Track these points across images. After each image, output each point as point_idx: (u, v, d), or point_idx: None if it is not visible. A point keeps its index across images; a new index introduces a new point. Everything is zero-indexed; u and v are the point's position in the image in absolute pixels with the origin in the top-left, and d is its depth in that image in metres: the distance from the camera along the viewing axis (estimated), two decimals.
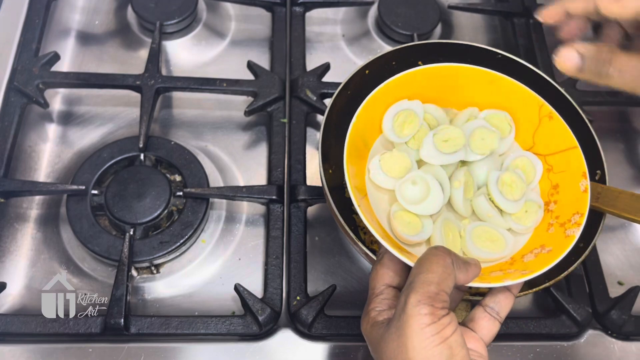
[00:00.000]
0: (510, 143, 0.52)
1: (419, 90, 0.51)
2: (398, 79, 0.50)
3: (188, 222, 0.64)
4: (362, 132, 0.50)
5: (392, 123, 0.50)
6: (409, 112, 0.51)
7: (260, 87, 0.73)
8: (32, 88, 0.70)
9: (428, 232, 0.47)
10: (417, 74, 0.51)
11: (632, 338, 0.64)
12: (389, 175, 0.49)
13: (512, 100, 0.51)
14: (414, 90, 0.51)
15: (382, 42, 0.85)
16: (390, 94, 0.51)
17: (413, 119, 0.51)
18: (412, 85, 0.51)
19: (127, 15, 0.83)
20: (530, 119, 0.51)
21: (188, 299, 0.63)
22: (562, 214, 0.48)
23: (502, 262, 0.48)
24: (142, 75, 0.71)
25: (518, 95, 0.51)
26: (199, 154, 0.71)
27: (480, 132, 0.50)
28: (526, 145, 0.52)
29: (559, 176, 0.50)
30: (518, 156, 0.51)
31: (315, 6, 0.84)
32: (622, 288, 0.67)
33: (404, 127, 0.50)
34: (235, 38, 0.84)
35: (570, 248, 0.45)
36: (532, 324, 0.62)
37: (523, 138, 0.52)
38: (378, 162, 0.50)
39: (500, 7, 0.89)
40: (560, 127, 0.50)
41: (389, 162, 0.50)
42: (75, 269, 0.64)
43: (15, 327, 0.57)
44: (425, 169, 0.49)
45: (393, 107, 0.51)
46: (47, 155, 0.71)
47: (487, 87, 0.51)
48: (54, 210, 0.67)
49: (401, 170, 0.49)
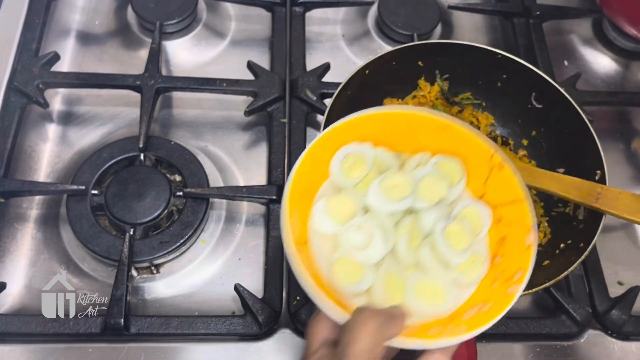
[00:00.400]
0: (460, 191, 0.50)
1: (370, 133, 0.50)
2: (349, 121, 0.49)
3: (188, 222, 0.64)
4: (309, 175, 0.47)
5: (340, 166, 0.48)
6: (358, 155, 0.49)
7: (260, 87, 0.73)
8: (32, 88, 0.70)
9: (368, 282, 0.45)
10: (369, 118, 0.50)
11: (632, 338, 0.64)
12: (334, 220, 0.47)
13: (465, 148, 0.50)
14: (365, 133, 0.50)
15: (382, 42, 0.85)
16: (340, 136, 0.49)
17: (362, 163, 0.49)
18: (363, 128, 0.50)
19: (127, 15, 0.83)
20: (482, 167, 0.49)
21: (188, 299, 0.63)
22: (507, 269, 0.46)
23: (442, 318, 0.45)
24: (142, 75, 0.71)
25: (470, 143, 0.49)
26: (199, 154, 0.71)
27: (429, 180, 0.48)
28: (478, 193, 0.50)
29: (507, 228, 0.48)
30: (467, 205, 0.49)
31: (315, 6, 0.84)
32: (622, 288, 0.67)
33: (352, 171, 0.48)
34: (235, 38, 0.84)
35: (508, 308, 0.43)
36: (532, 324, 0.62)
37: (475, 186, 0.50)
38: (323, 206, 0.48)
39: (500, 7, 0.89)
40: (509, 178, 0.48)
41: (334, 206, 0.47)
42: (75, 269, 0.64)
43: (15, 327, 0.57)
44: (371, 215, 0.48)
45: (342, 149, 0.49)
46: (47, 155, 0.71)
47: (441, 133, 0.50)
48: (54, 210, 0.67)
49: (347, 215, 0.47)
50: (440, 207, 0.49)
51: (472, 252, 0.47)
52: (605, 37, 0.89)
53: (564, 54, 0.89)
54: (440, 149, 0.51)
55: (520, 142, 0.72)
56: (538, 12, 0.86)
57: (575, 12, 0.90)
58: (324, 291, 0.42)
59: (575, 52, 0.89)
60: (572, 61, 0.88)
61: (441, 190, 0.48)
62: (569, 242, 0.62)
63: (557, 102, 0.66)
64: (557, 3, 0.89)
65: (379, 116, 0.50)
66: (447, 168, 0.50)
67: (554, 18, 0.88)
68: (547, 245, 0.65)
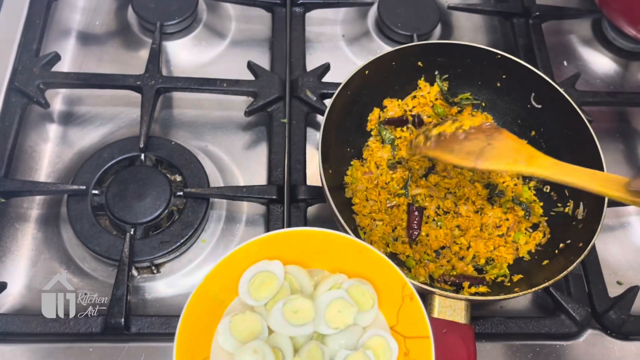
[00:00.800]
0: (372, 317, 0.50)
1: (282, 251, 0.50)
2: (260, 240, 0.49)
3: (188, 222, 0.64)
4: (217, 292, 0.48)
5: (248, 285, 0.48)
6: (267, 273, 0.49)
7: (260, 88, 0.73)
8: (33, 88, 0.70)
9: None
10: (281, 237, 0.49)
11: (631, 338, 0.64)
12: (237, 339, 0.47)
13: (379, 274, 0.49)
14: (276, 251, 0.50)
15: (381, 43, 0.85)
16: (249, 254, 0.49)
17: (271, 281, 0.48)
18: (275, 246, 0.49)
19: (128, 15, 0.83)
20: (394, 296, 0.49)
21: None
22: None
23: None
24: (142, 75, 0.71)
25: (384, 270, 0.49)
26: (199, 154, 0.71)
27: (338, 304, 0.48)
28: (391, 321, 0.50)
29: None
30: (375, 335, 0.49)
31: (315, 6, 0.84)
32: (621, 288, 0.67)
33: (260, 290, 0.48)
34: (235, 38, 0.84)
35: None
36: (531, 323, 0.63)
37: (389, 313, 0.50)
38: (228, 324, 0.48)
39: (500, 8, 0.89)
40: (418, 311, 0.47)
41: (239, 325, 0.47)
42: (76, 269, 0.64)
43: (15, 327, 0.57)
44: (274, 337, 0.48)
45: (252, 267, 0.49)
46: (48, 155, 0.71)
47: (356, 255, 0.49)
48: (55, 210, 0.67)
49: (250, 334, 0.47)
50: (349, 333, 0.48)
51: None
52: (604, 37, 0.89)
53: (564, 54, 0.89)
54: (355, 271, 0.50)
55: None
56: (537, 13, 0.86)
57: (574, 13, 0.90)
58: None
59: (574, 52, 0.89)
60: (572, 61, 0.88)
61: (348, 316, 0.48)
62: (568, 242, 0.62)
63: (557, 103, 0.66)
64: (557, 3, 0.89)
65: (291, 235, 0.49)
66: (359, 293, 0.49)
67: (554, 18, 0.89)
68: (547, 245, 0.65)
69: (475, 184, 0.69)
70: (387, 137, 0.71)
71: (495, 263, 0.65)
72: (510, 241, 0.66)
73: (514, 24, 0.86)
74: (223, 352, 0.47)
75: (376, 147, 0.71)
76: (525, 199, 0.68)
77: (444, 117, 0.72)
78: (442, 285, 0.62)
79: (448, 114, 0.72)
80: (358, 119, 0.71)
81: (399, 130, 0.72)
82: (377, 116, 0.72)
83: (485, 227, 0.67)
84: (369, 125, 0.72)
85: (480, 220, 0.67)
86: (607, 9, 0.84)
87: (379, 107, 0.72)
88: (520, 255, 0.65)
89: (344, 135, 0.68)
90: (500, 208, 0.68)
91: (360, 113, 0.71)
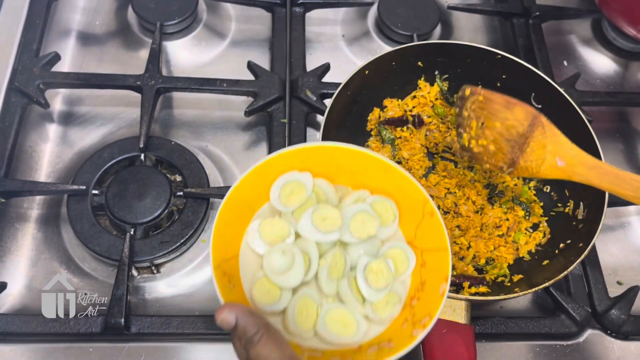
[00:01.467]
0: (392, 232, 0.52)
1: (312, 164, 0.52)
2: (293, 151, 0.51)
3: (188, 222, 0.64)
4: (248, 197, 0.50)
5: (279, 192, 0.51)
6: (298, 183, 0.51)
7: (260, 88, 0.73)
8: (33, 88, 0.70)
9: (284, 303, 0.48)
10: (313, 150, 0.52)
11: (631, 338, 0.64)
12: (265, 241, 0.49)
13: (402, 191, 0.52)
14: (306, 163, 0.52)
15: (381, 43, 0.85)
16: (281, 163, 0.51)
17: (301, 191, 0.51)
18: (306, 159, 0.52)
19: (128, 15, 0.83)
20: (415, 213, 0.51)
21: (188, 299, 0.64)
22: (418, 312, 0.47)
23: (347, 348, 0.47)
24: (142, 75, 0.71)
25: (407, 187, 0.51)
26: (200, 154, 0.71)
27: (362, 216, 0.50)
28: (409, 236, 0.52)
29: (428, 274, 0.49)
30: (394, 246, 0.51)
31: (315, 6, 0.84)
32: (621, 288, 0.68)
33: (290, 198, 0.50)
34: (235, 38, 0.84)
35: (409, 348, 0.44)
36: (531, 323, 0.63)
37: (407, 229, 0.52)
38: (257, 227, 0.50)
39: (500, 8, 0.89)
40: (438, 226, 0.50)
41: (267, 228, 0.50)
42: (76, 269, 0.64)
43: (16, 327, 0.57)
44: (300, 242, 0.50)
45: (284, 176, 0.51)
46: (48, 155, 0.71)
47: (381, 174, 0.52)
48: (55, 210, 0.67)
49: (277, 238, 0.50)
50: (370, 244, 0.51)
51: (389, 291, 0.49)
52: (604, 37, 0.89)
53: (563, 54, 0.89)
54: (378, 188, 0.53)
55: None
56: (537, 13, 0.86)
57: (574, 13, 0.90)
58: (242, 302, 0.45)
59: (574, 52, 0.89)
60: (572, 61, 0.88)
61: (371, 228, 0.50)
62: (569, 242, 0.62)
63: (557, 102, 0.66)
64: (557, 3, 0.89)
65: (322, 150, 0.52)
66: (382, 208, 0.52)
67: (554, 18, 0.89)
68: (547, 245, 0.65)
69: (475, 184, 0.69)
70: (387, 137, 0.71)
71: (496, 263, 0.65)
72: (510, 241, 0.66)
73: (514, 24, 0.86)
74: (251, 252, 0.50)
75: (376, 147, 0.71)
76: (526, 199, 0.68)
77: (444, 117, 0.72)
78: None
79: (448, 114, 0.72)
80: (358, 119, 0.71)
81: (399, 130, 0.72)
82: (377, 116, 0.72)
83: (486, 227, 0.67)
84: (369, 125, 0.72)
85: (480, 220, 0.67)
86: (607, 9, 0.84)
87: (379, 107, 0.72)
88: (521, 255, 0.65)
89: (344, 135, 0.68)
90: (501, 208, 0.68)
91: (360, 113, 0.71)
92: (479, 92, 0.58)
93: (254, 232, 0.50)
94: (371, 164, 0.52)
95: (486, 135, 0.58)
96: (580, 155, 0.55)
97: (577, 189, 0.65)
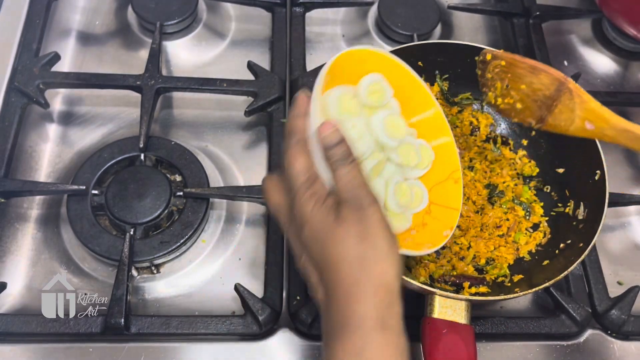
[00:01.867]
0: (418, 176, 0.58)
1: (393, 80, 0.55)
2: (382, 54, 0.55)
3: (188, 222, 0.64)
4: (344, 66, 0.52)
5: (367, 86, 0.54)
6: (382, 86, 0.55)
7: (261, 87, 0.73)
8: (33, 88, 0.70)
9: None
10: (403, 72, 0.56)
11: (631, 338, 0.64)
12: (338, 108, 0.52)
13: (441, 149, 0.58)
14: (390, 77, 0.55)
15: (382, 42, 0.85)
16: (371, 62, 0.54)
17: (382, 94, 0.55)
18: (391, 76, 0.55)
19: (128, 15, 0.83)
20: (442, 172, 0.58)
21: (188, 299, 0.63)
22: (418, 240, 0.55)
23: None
24: (142, 75, 0.71)
25: (448, 149, 0.58)
26: (199, 154, 0.71)
27: (411, 149, 0.56)
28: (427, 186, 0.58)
29: (432, 221, 0.57)
30: (415, 185, 0.57)
31: (315, 6, 0.84)
32: (621, 288, 0.67)
33: (372, 95, 0.54)
34: (235, 38, 0.84)
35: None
36: (532, 323, 0.63)
37: (427, 180, 0.58)
38: (339, 94, 0.52)
39: (500, 8, 0.89)
40: (457, 191, 0.58)
41: (346, 100, 0.52)
42: (76, 269, 0.64)
43: (15, 327, 0.57)
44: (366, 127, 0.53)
45: (373, 75, 0.54)
46: (48, 155, 0.71)
47: (437, 126, 0.58)
48: (55, 210, 0.67)
49: (349, 111, 0.52)
50: (399, 171, 0.56)
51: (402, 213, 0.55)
52: (604, 37, 0.89)
53: (564, 54, 0.89)
54: (425, 136, 0.58)
55: (520, 142, 0.72)
56: (538, 13, 0.86)
57: (574, 13, 0.90)
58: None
59: (574, 52, 0.89)
60: (572, 61, 0.88)
61: (414, 158, 0.56)
62: (569, 242, 0.62)
63: None
64: (557, 3, 0.89)
65: (411, 79, 0.57)
66: (425, 153, 0.58)
67: (554, 18, 0.89)
68: (547, 245, 0.65)
69: (475, 184, 0.69)
70: None
71: (496, 263, 0.65)
72: (510, 241, 0.66)
73: (514, 24, 0.86)
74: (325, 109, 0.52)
75: None
76: (526, 199, 0.68)
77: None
78: (443, 286, 0.62)
79: (448, 114, 0.72)
80: None
81: None
82: None
83: (486, 227, 0.67)
84: None
85: (480, 220, 0.67)
86: (607, 9, 0.84)
87: None
88: (521, 256, 0.65)
89: None
90: (501, 208, 0.68)
91: None
92: (501, 56, 0.59)
93: (334, 97, 0.52)
94: (435, 117, 0.58)
95: (512, 95, 0.59)
96: (611, 120, 0.55)
97: (577, 189, 0.65)
